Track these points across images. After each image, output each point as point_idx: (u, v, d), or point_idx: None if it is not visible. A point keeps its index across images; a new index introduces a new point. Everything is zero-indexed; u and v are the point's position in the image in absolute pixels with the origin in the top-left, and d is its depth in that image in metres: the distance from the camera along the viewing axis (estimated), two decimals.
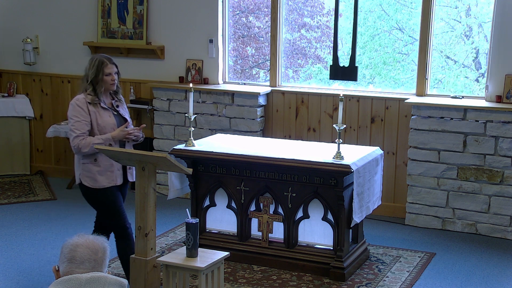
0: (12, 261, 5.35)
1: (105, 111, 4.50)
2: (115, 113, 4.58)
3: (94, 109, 4.45)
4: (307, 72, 7.04)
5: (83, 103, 4.43)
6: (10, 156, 7.78)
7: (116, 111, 4.60)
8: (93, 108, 4.45)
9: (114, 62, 4.55)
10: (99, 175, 4.50)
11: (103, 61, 4.48)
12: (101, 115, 4.48)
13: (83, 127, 4.40)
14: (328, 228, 5.11)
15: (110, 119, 4.51)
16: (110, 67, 4.50)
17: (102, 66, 4.47)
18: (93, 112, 4.45)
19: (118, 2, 7.22)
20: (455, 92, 6.35)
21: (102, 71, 4.46)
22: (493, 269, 5.30)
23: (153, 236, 4.57)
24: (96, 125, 4.45)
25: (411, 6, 6.60)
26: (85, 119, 4.41)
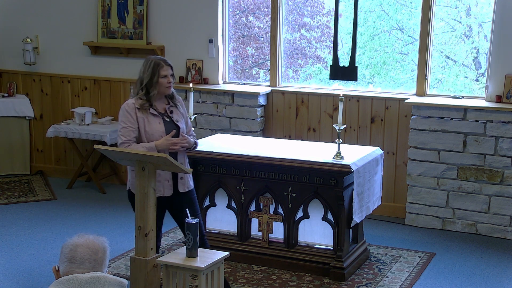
0: (12, 261, 5.35)
1: (154, 117, 4.24)
2: (167, 119, 4.30)
3: (143, 115, 4.21)
4: (307, 72, 7.04)
5: (132, 108, 4.22)
6: (10, 156, 7.78)
7: (169, 117, 4.31)
8: (142, 114, 4.21)
9: (170, 63, 4.31)
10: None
11: (159, 63, 4.24)
12: (149, 121, 4.22)
13: (129, 133, 4.20)
14: (328, 228, 5.11)
15: (159, 126, 4.24)
16: (166, 69, 4.25)
17: (158, 68, 4.23)
18: (142, 118, 4.21)
19: (118, 2, 7.22)
20: (455, 92, 6.35)
21: (158, 73, 4.22)
22: (493, 269, 5.30)
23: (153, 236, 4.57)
24: (144, 132, 4.21)
25: (411, 6, 6.60)
26: (132, 126, 4.20)
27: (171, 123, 4.29)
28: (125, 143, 4.20)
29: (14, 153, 7.80)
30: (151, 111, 4.22)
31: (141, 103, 4.21)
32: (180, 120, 4.33)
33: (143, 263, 4.49)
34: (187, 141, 4.28)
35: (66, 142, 7.53)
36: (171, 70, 4.28)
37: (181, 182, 4.35)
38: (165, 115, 4.29)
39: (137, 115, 4.20)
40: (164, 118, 4.28)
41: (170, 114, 4.31)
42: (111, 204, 6.84)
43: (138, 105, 4.21)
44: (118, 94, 7.45)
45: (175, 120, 4.31)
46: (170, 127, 4.26)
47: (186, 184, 4.38)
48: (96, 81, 7.52)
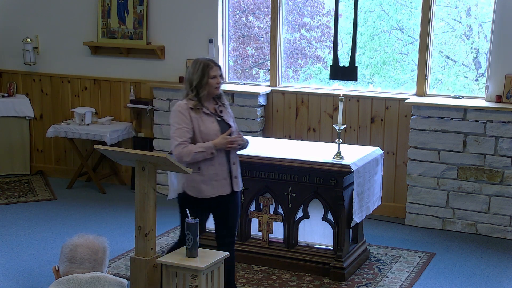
0: (12, 261, 5.35)
1: (208, 117, 4.22)
2: (218, 118, 4.28)
3: (197, 115, 4.19)
4: (307, 72, 7.04)
5: (185, 109, 4.18)
6: (10, 156, 7.78)
7: (219, 116, 4.30)
8: (195, 114, 4.18)
9: (218, 64, 4.29)
10: (203, 184, 4.22)
11: (208, 64, 4.21)
12: (203, 121, 4.20)
13: (185, 134, 4.15)
14: (328, 228, 5.11)
15: (214, 126, 4.22)
16: (215, 70, 4.22)
17: (207, 69, 4.20)
18: (195, 119, 4.18)
19: (118, 2, 7.22)
20: (455, 92, 6.35)
21: (208, 74, 4.19)
22: (493, 269, 5.30)
23: (153, 236, 4.57)
24: (199, 132, 4.18)
25: (411, 6, 6.60)
26: (187, 126, 4.16)
27: (223, 122, 4.28)
28: (182, 144, 4.14)
29: (14, 153, 7.80)
30: (204, 111, 4.20)
31: (194, 104, 4.18)
32: (229, 119, 4.34)
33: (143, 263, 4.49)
34: (242, 138, 4.30)
35: (66, 142, 7.53)
36: (219, 71, 4.26)
37: (235, 180, 4.33)
38: (216, 115, 4.28)
39: (191, 116, 4.17)
40: (216, 118, 4.27)
41: (220, 114, 4.29)
42: (111, 204, 6.84)
43: (191, 105, 4.18)
44: (118, 94, 7.45)
45: (226, 120, 4.30)
46: (223, 126, 4.26)
47: (239, 183, 4.39)
48: (96, 81, 7.52)
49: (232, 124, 4.34)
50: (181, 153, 4.13)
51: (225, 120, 4.30)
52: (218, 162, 4.21)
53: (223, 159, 4.22)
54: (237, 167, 4.34)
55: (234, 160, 4.32)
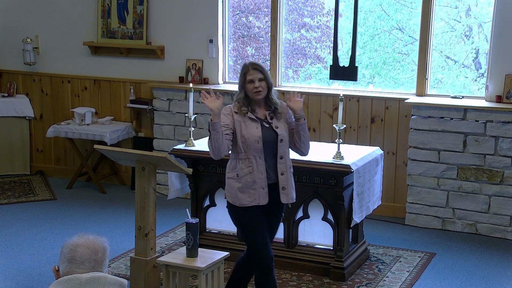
0: (12, 261, 5.35)
1: (252, 122, 3.98)
2: (266, 125, 4.01)
3: (240, 119, 3.99)
4: (307, 72, 7.04)
5: (229, 111, 4.01)
6: (10, 156, 7.78)
7: (268, 123, 4.03)
8: (239, 117, 3.99)
9: (260, 68, 4.00)
10: (240, 192, 4.00)
11: (246, 67, 4.00)
12: (247, 126, 3.97)
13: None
14: (328, 228, 5.11)
15: (256, 131, 3.97)
16: (252, 73, 3.97)
17: (245, 72, 4.00)
18: (238, 122, 3.98)
19: (118, 2, 7.22)
20: (455, 92, 6.35)
21: (245, 78, 4.00)
22: (493, 269, 5.30)
23: (153, 236, 4.57)
24: (240, 136, 3.97)
25: (411, 6, 6.60)
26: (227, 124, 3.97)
27: (270, 129, 4.02)
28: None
29: (14, 153, 7.80)
30: (249, 115, 4.00)
31: (238, 107, 4.01)
32: (280, 127, 4.04)
33: (143, 263, 4.49)
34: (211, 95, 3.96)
35: (66, 142, 7.53)
36: (260, 74, 3.98)
37: (283, 192, 4.05)
38: (265, 121, 4.03)
39: (233, 118, 3.99)
40: (263, 124, 4.02)
41: (270, 120, 4.04)
42: (111, 204, 6.84)
43: (236, 108, 4.02)
44: (118, 94, 7.45)
45: (274, 126, 4.03)
46: (269, 133, 4.01)
47: (290, 195, 4.09)
48: (96, 81, 7.52)
49: (281, 131, 4.03)
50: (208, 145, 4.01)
51: (274, 127, 4.02)
52: (257, 170, 3.98)
53: (262, 167, 3.99)
54: (287, 177, 4.05)
55: (283, 170, 4.05)
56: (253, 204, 3.99)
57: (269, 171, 4.01)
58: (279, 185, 4.03)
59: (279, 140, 4.01)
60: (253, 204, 3.99)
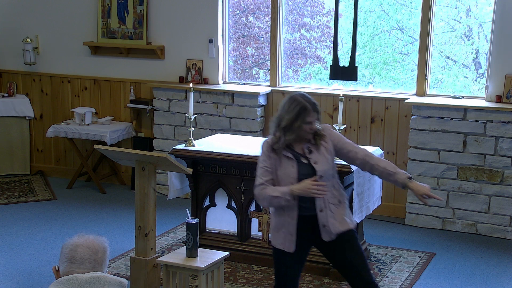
0: (12, 261, 5.35)
1: (288, 160, 3.66)
2: (304, 161, 3.68)
3: (276, 157, 3.68)
4: (307, 72, 7.04)
5: (268, 148, 3.72)
6: (10, 156, 7.78)
7: (306, 158, 3.69)
8: (275, 155, 3.68)
9: (318, 107, 3.72)
10: (274, 231, 3.73)
11: (306, 107, 3.64)
12: (282, 164, 3.67)
13: (266, 174, 3.67)
14: None
15: (291, 171, 3.64)
16: (313, 115, 3.66)
17: (304, 113, 3.64)
18: (274, 160, 3.68)
19: (118, 2, 7.22)
20: (455, 92, 6.35)
21: (303, 119, 3.63)
22: (493, 269, 5.30)
23: (153, 236, 4.57)
24: (276, 175, 3.68)
25: (411, 6, 6.60)
26: (268, 166, 3.68)
27: (308, 167, 3.67)
28: (261, 185, 3.65)
29: (14, 153, 7.80)
30: (284, 153, 3.67)
31: (276, 144, 3.69)
32: (320, 161, 3.68)
33: (143, 263, 4.49)
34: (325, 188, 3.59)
35: (66, 142, 7.53)
36: (317, 115, 3.70)
37: (324, 230, 3.67)
38: (303, 156, 3.70)
39: (271, 156, 3.69)
40: (300, 160, 3.68)
41: (308, 156, 3.69)
42: (111, 204, 6.84)
43: (273, 145, 3.71)
44: (118, 94, 7.45)
45: (313, 162, 3.67)
46: (306, 171, 3.66)
47: (335, 228, 3.68)
48: (96, 81, 7.52)
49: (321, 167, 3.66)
50: (259, 195, 3.66)
51: (312, 163, 3.66)
52: (288, 214, 3.66)
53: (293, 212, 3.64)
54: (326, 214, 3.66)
55: (322, 207, 3.66)
56: (279, 248, 3.69)
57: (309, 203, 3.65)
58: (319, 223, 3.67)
59: (318, 177, 3.63)
60: (281, 247, 3.68)
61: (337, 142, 3.76)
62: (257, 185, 3.67)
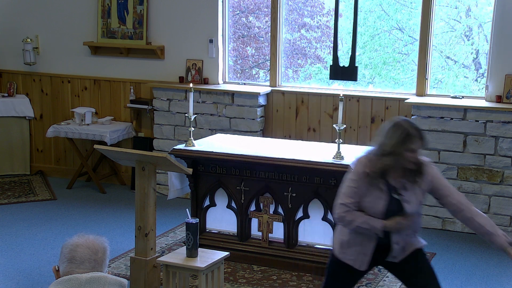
0: (12, 261, 5.35)
1: (379, 192, 3.45)
2: (396, 196, 3.47)
3: (368, 182, 3.45)
4: (307, 72, 7.04)
5: (361, 170, 3.47)
6: (10, 156, 7.78)
7: (399, 194, 3.48)
8: (367, 180, 3.45)
9: (422, 135, 3.47)
10: (345, 246, 3.60)
11: (411, 135, 3.40)
12: (371, 193, 3.46)
13: (353, 195, 3.47)
14: (328, 228, 5.11)
15: (379, 204, 3.45)
16: (417, 143, 3.44)
17: (408, 140, 3.40)
18: (365, 184, 3.45)
19: (118, 2, 7.22)
20: (455, 92, 6.35)
21: (406, 146, 3.40)
22: (493, 269, 5.30)
23: (153, 236, 4.57)
24: (362, 200, 3.48)
25: (411, 6, 6.60)
26: (357, 188, 3.47)
27: (399, 203, 3.48)
28: (347, 206, 3.47)
29: (14, 153, 7.80)
30: (377, 183, 3.46)
31: (370, 169, 3.45)
32: (412, 201, 3.49)
33: (143, 263, 4.49)
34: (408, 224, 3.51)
35: (66, 142, 7.53)
36: (422, 143, 3.49)
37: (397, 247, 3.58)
38: (396, 191, 3.48)
39: (362, 179, 3.47)
40: (391, 194, 3.47)
41: (402, 192, 3.48)
42: (111, 204, 6.84)
43: (368, 169, 3.46)
44: (118, 94, 7.45)
45: (405, 201, 3.48)
46: (395, 207, 3.47)
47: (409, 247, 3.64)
48: (96, 81, 7.52)
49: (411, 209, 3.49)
50: (343, 217, 3.49)
51: (404, 201, 3.47)
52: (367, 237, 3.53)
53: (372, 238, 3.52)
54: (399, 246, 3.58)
55: (399, 240, 3.56)
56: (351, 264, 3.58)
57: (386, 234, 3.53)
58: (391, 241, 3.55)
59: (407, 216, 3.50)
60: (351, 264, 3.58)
61: (435, 182, 3.61)
62: (341, 204, 3.48)
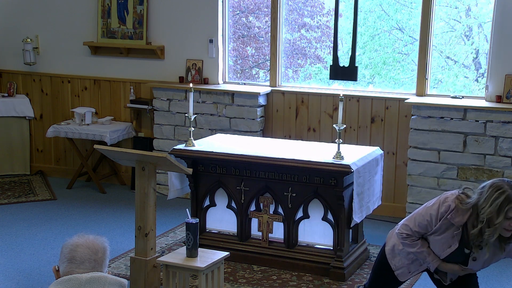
0: (12, 261, 5.35)
1: (452, 237, 3.31)
2: (466, 250, 3.34)
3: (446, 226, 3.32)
4: (307, 72, 7.04)
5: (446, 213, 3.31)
6: (10, 156, 7.78)
7: (469, 248, 3.32)
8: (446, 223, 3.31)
9: None
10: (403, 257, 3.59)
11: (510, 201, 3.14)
12: (444, 234, 3.33)
13: (423, 229, 3.39)
14: (328, 228, 5.11)
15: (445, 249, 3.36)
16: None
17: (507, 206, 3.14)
18: (442, 224, 3.33)
19: (118, 2, 7.22)
20: (455, 92, 6.35)
21: (505, 213, 3.15)
22: (493, 269, 5.30)
23: (153, 236, 4.57)
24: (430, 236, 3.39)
25: (411, 6, 6.60)
26: (431, 226, 3.35)
27: (464, 256, 3.36)
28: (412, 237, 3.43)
29: (14, 153, 7.80)
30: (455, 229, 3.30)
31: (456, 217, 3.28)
32: (479, 260, 3.35)
33: (143, 263, 4.49)
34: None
35: (66, 142, 7.53)
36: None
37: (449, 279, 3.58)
38: (469, 245, 3.32)
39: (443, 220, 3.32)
40: (463, 246, 3.34)
41: (474, 250, 3.32)
42: (111, 204, 6.84)
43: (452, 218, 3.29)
44: (118, 94, 7.45)
45: (472, 258, 3.35)
46: (459, 257, 3.38)
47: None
48: (96, 81, 7.52)
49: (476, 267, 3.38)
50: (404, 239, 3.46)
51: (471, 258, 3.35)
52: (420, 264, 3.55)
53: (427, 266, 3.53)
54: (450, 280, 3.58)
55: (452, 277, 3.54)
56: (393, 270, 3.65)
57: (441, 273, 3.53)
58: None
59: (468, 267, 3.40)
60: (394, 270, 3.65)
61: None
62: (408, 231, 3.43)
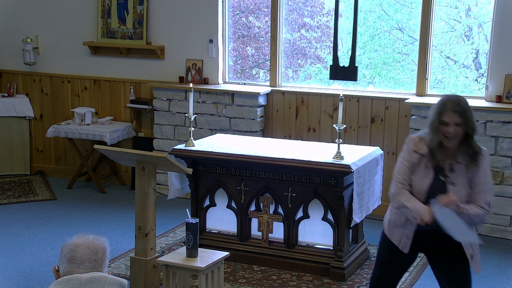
0: (12, 261, 5.35)
1: (425, 170, 3.37)
2: (442, 178, 3.37)
3: (417, 159, 3.39)
4: (307, 72, 7.04)
5: (412, 146, 3.42)
6: (10, 156, 7.78)
7: (444, 176, 3.37)
8: (416, 156, 3.39)
9: (460, 110, 3.26)
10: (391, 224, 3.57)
11: (445, 104, 3.27)
12: (418, 170, 3.39)
13: (405, 172, 3.42)
14: (328, 228, 5.11)
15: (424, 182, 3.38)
16: (449, 115, 3.26)
17: (440, 110, 3.28)
18: (414, 160, 3.39)
19: (118, 2, 7.22)
20: (455, 92, 6.35)
21: (439, 117, 3.28)
22: (493, 269, 5.30)
23: (153, 236, 4.58)
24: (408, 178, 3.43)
25: (411, 6, 6.60)
26: (408, 165, 3.41)
27: (443, 186, 3.36)
28: (401, 185, 3.42)
29: (14, 153, 7.80)
30: (425, 160, 3.37)
31: (418, 146, 3.40)
32: (458, 183, 3.35)
33: (143, 263, 4.49)
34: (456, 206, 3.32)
35: (66, 142, 7.53)
36: (459, 119, 3.25)
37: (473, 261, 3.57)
38: (442, 173, 3.37)
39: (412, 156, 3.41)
40: (438, 175, 3.37)
41: (448, 173, 3.36)
42: (111, 204, 6.84)
43: (415, 146, 3.41)
44: (118, 94, 7.45)
45: (450, 183, 3.36)
46: (439, 189, 3.35)
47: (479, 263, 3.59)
48: (96, 81, 7.52)
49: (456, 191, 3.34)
50: (395, 194, 3.44)
51: (449, 183, 3.35)
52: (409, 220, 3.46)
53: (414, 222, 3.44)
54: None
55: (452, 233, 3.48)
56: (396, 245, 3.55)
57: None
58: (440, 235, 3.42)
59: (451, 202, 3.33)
60: (397, 245, 3.55)
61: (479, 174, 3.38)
62: (397, 182, 3.44)
